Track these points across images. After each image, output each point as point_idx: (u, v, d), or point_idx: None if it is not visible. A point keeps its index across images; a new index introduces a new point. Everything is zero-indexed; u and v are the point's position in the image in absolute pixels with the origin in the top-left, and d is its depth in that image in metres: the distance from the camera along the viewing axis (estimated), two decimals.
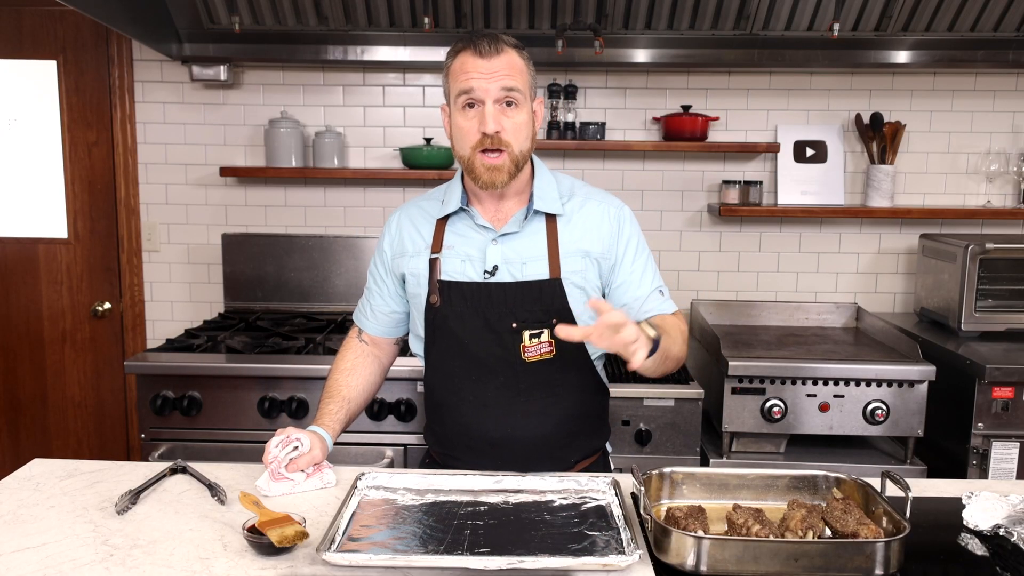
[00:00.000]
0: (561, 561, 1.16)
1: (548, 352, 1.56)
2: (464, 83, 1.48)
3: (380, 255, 1.70)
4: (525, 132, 1.52)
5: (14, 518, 1.33)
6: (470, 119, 1.50)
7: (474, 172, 1.51)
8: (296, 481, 1.45)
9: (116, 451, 3.20)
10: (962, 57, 2.80)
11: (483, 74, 1.47)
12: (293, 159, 2.95)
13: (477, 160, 1.50)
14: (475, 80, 1.47)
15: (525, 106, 1.52)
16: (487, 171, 1.50)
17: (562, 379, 1.58)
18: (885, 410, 2.34)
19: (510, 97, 1.49)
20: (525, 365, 1.55)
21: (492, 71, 1.47)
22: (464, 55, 1.50)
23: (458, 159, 1.55)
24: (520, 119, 1.51)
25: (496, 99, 1.48)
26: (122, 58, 3.00)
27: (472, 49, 1.49)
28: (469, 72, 1.48)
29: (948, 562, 1.24)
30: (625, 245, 1.61)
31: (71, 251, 3.13)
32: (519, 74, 1.50)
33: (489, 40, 1.49)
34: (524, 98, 1.51)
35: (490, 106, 1.47)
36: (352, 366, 1.70)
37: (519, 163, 1.52)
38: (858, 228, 3.06)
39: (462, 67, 1.49)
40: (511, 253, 1.57)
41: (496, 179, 1.51)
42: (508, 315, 1.54)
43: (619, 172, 3.04)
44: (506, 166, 1.50)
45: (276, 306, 3.02)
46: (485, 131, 1.47)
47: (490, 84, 1.47)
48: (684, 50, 2.83)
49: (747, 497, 1.40)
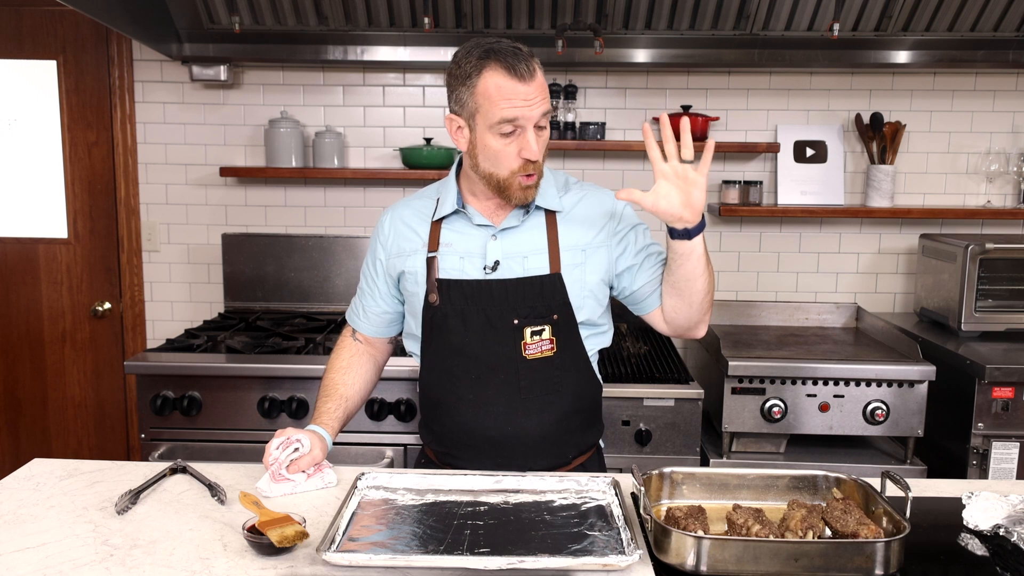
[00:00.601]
0: (561, 561, 1.16)
1: (549, 350, 1.56)
2: (508, 111, 1.44)
3: (372, 256, 1.70)
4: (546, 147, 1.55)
5: (14, 518, 1.33)
6: (509, 144, 1.48)
7: (508, 191, 1.52)
8: (297, 482, 1.45)
9: (116, 451, 3.20)
10: (962, 57, 2.80)
11: (526, 102, 1.45)
12: (293, 159, 2.95)
13: (515, 182, 1.51)
14: (519, 110, 1.45)
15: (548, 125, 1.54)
16: (523, 191, 1.52)
17: (561, 376, 1.58)
18: (885, 410, 2.34)
19: (544, 121, 1.50)
20: (525, 363, 1.55)
21: (531, 98, 1.46)
22: (500, 77, 1.44)
23: (486, 178, 1.53)
24: (545, 136, 1.53)
25: (536, 123, 1.48)
26: (122, 58, 3.01)
27: (510, 72, 1.44)
28: (512, 100, 1.44)
29: (948, 562, 1.24)
30: (626, 230, 1.62)
31: (71, 251, 3.13)
32: (548, 94, 1.51)
33: (523, 62, 1.45)
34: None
35: (531, 133, 1.47)
36: (348, 364, 1.70)
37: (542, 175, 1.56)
38: (858, 228, 3.06)
39: (500, 92, 1.44)
40: (512, 247, 1.57)
41: (530, 196, 1.55)
42: (509, 312, 1.55)
43: (619, 172, 3.04)
44: (536, 182, 1.54)
45: (276, 306, 3.02)
46: (530, 158, 1.48)
47: (532, 112, 1.46)
48: (684, 50, 2.83)
49: (747, 497, 1.40)
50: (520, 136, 1.47)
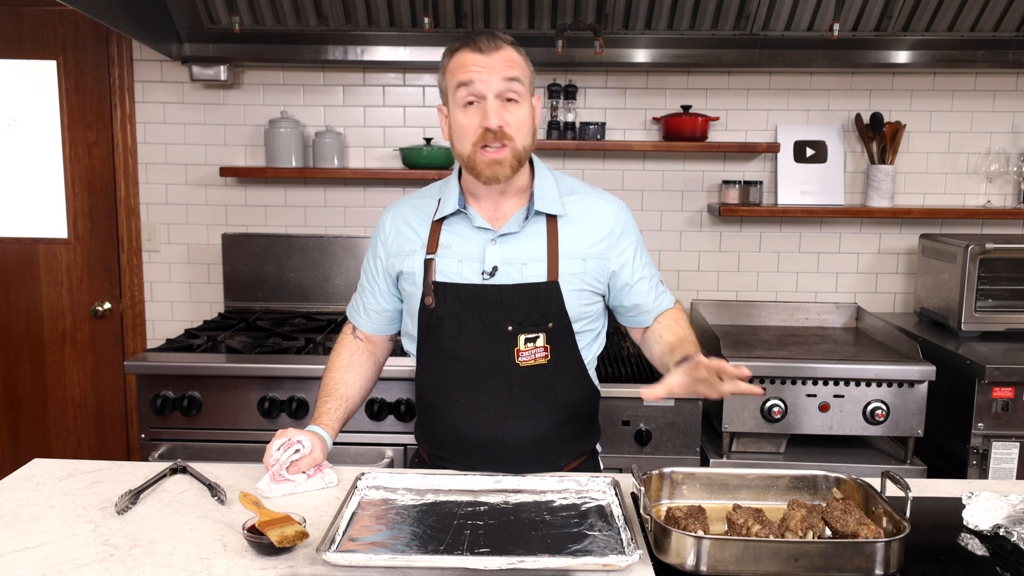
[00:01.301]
0: (561, 561, 1.16)
1: (543, 358, 1.55)
2: (463, 75, 1.46)
3: (373, 254, 1.69)
4: (527, 127, 1.51)
5: (14, 518, 1.33)
6: (471, 116, 1.48)
7: (476, 168, 1.50)
8: (297, 482, 1.45)
9: (116, 451, 3.20)
10: (962, 57, 2.80)
11: (483, 68, 1.46)
12: (293, 159, 2.95)
13: (478, 157, 1.48)
14: (475, 73, 1.45)
15: (526, 101, 1.50)
16: (489, 165, 1.48)
17: (555, 384, 1.57)
18: (885, 410, 2.34)
19: (512, 91, 1.47)
20: (519, 369, 1.54)
21: (492, 65, 1.46)
22: (462, 52, 1.48)
23: (458, 158, 1.54)
24: (522, 114, 1.49)
25: (497, 93, 1.46)
26: (122, 58, 3.01)
27: (470, 46, 1.47)
28: (468, 66, 1.46)
29: (948, 562, 1.24)
30: (628, 246, 1.61)
31: (71, 251, 3.13)
32: (519, 68, 1.49)
33: (487, 37, 1.48)
34: (525, 92, 1.50)
35: (492, 100, 1.46)
36: (348, 363, 1.69)
37: (521, 158, 1.51)
38: (858, 228, 3.06)
39: (461, 63, 1.48)
40: (511, 253, 1.55)
41: (499, 173, 1.49)
42: (504, 318, 1.53)
43: (619, 172, 3.04)
44: (508, 160, 1.48)
45: (276, 306, 3.02)
46: (488, 126, 1.45)
47: (491, 77, 1.46)
48: (684, 50, 2.83)
49: (747, 497, 1.41)
50: (481, 106, 1.47)
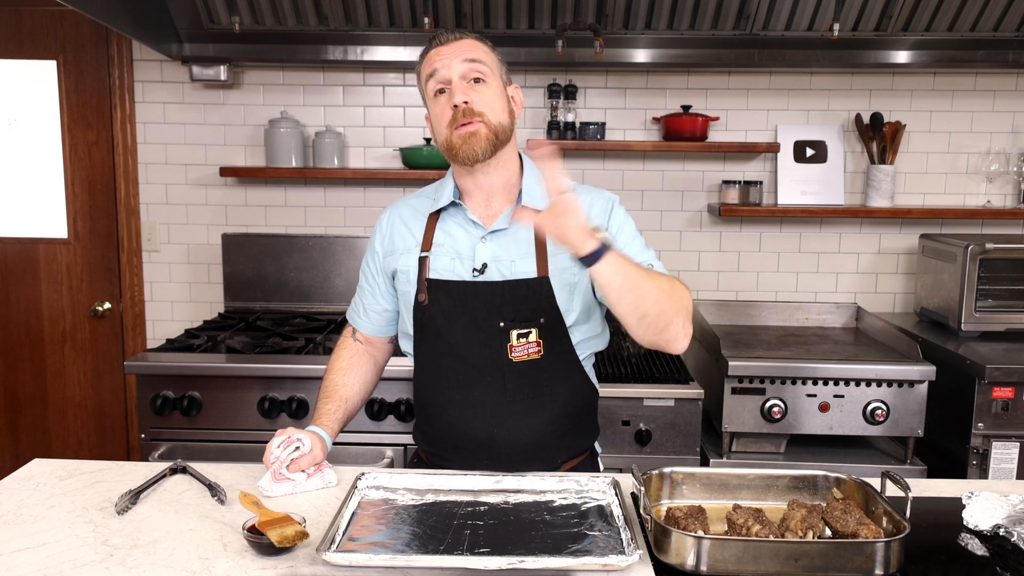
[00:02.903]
0: (561, 561, 1.16)
1: (536, 352, 1.55)
2: (428, 68, 1.54)
3: (371, 253, 1.71)
4: (499, 104, 1.53)
5: (14, 518, 1.33)
6: (441, 103, 1.53)
7: (453, 150, 1.52)
8: (298, 481, 1.45)
9: (116, 451, 3.20)
10: (962, 57, 2.80)
11: (444, 55, 1.53)
12: (293, 159, 2.95)
13: (454, 136, 1.51)
14: (437, 61, 1.53)
15: (493, 82, 1.54)
16: (463, 140, 1.49)
17: (550, 380, 1.58)
18: (885, 410, 2.34)
19: (476, 72, 1.52)
20: (512, 365, 1.55)
21: (452, 51, 1.53)
22: (428, 51, 1.57)
23: (440, 150, 1.57)
24: (490, 93, 1.53)
25: (461, 75, 1.52)
26: (122, 58, 3.01)
27: (434, 42, 1.56)
28: (432, 59, 1.54)
29: (948, 562, 1.24)
30: (617, 232, 1.60)
31: (71, 251, 3.13)
32: (482, 52, 1.55)
33: (449, 31, 1.57)
34: (491, 73, 1.54)
35: (456, 81, 1.51)
36: (348, 365, 1.70)
37: (498, 134, 1.52)
38: (858, 228, 3.06)
39: (427, 59, 1.56)
40: (500, 251, 1.57)
41: (475, 146, 1.49)
42: (496, 314, 1.54)
43: (619, 172, 3.04)
44: (482, 132, 1.49)
45: (276, 306, 3.02)
46: (455, 103, 1.50)
47: (452, 60, 1.52)
48: (684, 50, 2.83)
49: (747, 497, 1.40)
50: (449, 92, 1.52)
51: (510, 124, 1.56)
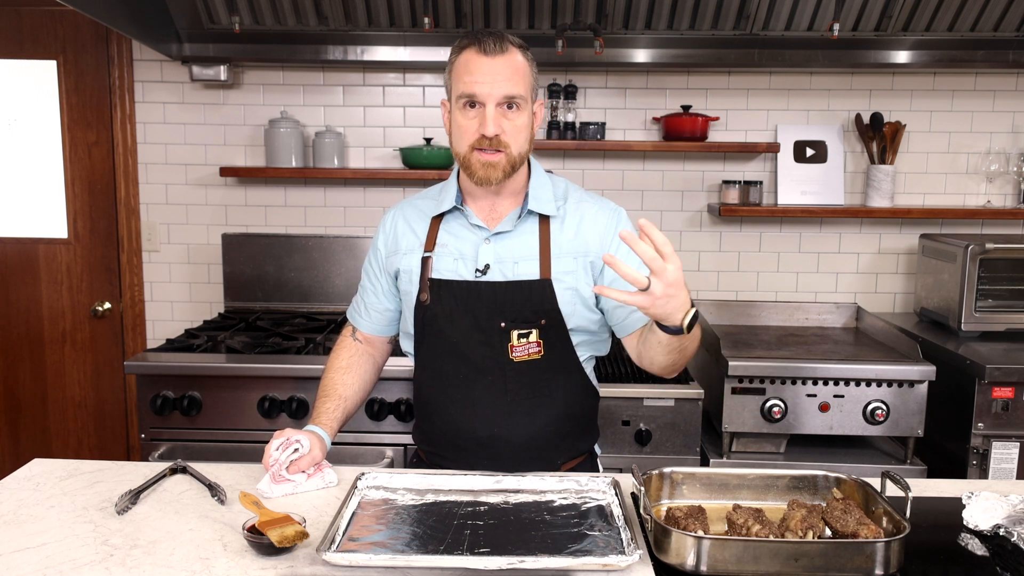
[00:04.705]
0: (561, 561, 1.16)
1: (536, 352, 1.56)
2: (467, 86, 1.48)
3: (374, 253, 1.71)
4: (524, 135, 1.53)
5: (14, 518, 1.33)
6: (470, 119, 1.50)
7: (470, 168, 1.52)
8: (297, 482, 1.45)
9: (116, 451, 3.20)
10: (962, 57, 2.80)
11: (486, 76, 1.47)
12: (293, 159, 2.95)
13: (473, 157, 1.51)
14: (478, 85, 1.47)
15: (526, 109, 1.52)
16: (483, 167, 1.50)
17: (550, 380, 1.58)
18: (885, 410, 2.34)
19: (512, 101, 1.49)
20: (513, 365, 1.55)
21: (495, 73, 1.47)
22: (468, 52, 1.49)
23: (455, 156, 1.56)
24: (520, 122, 1.51)
25: (498, 103, 1.48)
26: (122, 58, 3.01)
27: (476, 47, 1.48)
28: (473, 74, 1.48)
29: (948, 562, 1.24)
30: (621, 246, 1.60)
31: (71, 251, 3.13)
32: (522, 78, 1.50)
33: (495, 39, 1.48)
34: (526, 102, 1.51)
35: (491, 109, 1.47)
36: (347, 364, 1.70)
37: (516, 164, 1.53)
38: (858, 228, 3.06)
39: (466, 66, 1.49)
40: (503, 252, 1.57)
41: (491, 175, 1.51)
42: (497, 314, 1.55)
43: (619, 172, 3.04)
44: (502, 164, 1.51)
45: (276, 306, 3.02)
46: (485, 133, 1.48)
47: (493, 89, 1.47)
48: (684, 50, 2.83)
49: (747, 497, 1.40)
50: (481, 112, 1.49)
51: (529, 150, 1.56)
